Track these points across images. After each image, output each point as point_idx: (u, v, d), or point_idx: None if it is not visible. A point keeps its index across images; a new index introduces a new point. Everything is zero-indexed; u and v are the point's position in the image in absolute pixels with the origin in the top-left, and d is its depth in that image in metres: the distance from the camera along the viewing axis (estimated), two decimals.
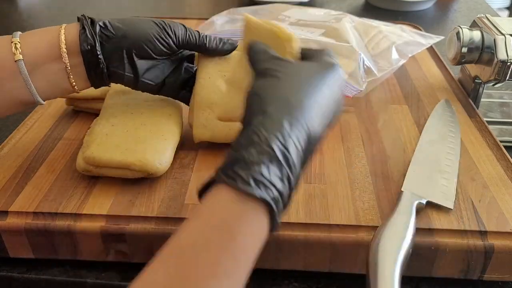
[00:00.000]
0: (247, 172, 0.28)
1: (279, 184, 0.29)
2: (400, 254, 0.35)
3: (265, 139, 0.30)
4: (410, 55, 0.61)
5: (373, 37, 0.63)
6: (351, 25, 0.63)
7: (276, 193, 0.29)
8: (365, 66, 0.56)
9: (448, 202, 0.42)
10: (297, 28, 0.64)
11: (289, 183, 0.30)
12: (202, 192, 0.31)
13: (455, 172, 0.45)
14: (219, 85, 0.47)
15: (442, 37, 0.64)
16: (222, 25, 0.66)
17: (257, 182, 0.28)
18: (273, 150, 0.29)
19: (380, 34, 0.63)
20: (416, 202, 0.40)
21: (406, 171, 0.46)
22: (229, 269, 0.26)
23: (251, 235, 0.28)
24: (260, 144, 0.29)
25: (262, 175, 0.28)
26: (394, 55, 0.60)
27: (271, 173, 0.29)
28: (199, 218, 0.29)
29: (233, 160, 0.29)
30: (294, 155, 0.30)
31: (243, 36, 0.43)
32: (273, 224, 0.30)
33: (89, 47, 0.41)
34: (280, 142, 0.30)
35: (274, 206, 0.29)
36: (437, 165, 0.46)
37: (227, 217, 0.28)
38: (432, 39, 0.65)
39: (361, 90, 0.53)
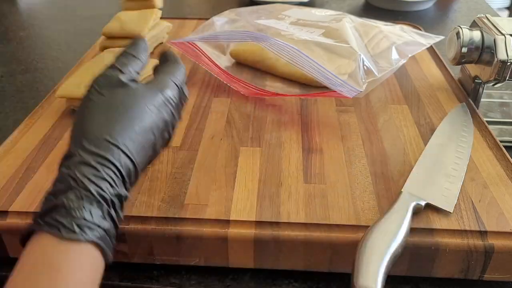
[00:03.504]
0: (70, 219, 0.29)
1: (103, 223, 0.30)
2: (388, 253, 0.35)
3: (82, 184, 0.30)
4: (410, 55, 0.61)
5: (373, 37, 0.63)
6: (351, 25, 0.63)
7: (102, 232, 0.30)
8: (365, 67, 0.56)
9: (448, 205, 0.41)
10: (297, 28, 0.64)
11: (111, 218, 0.31)
12: (24, 241, 0.29)
13: (461, 176, 0.45)
14: None
15: (442, 37, 0.64)
16: (221, 26, 0.66)
17: (82, 227, 0.29)
18: (92, 193, 0.30)
19: (380, 34, 0.63)
20: (413, 204, 0.40)
21: (406, 171, 0.46)
22: None
23: (83, 276, 0.28)
24: (78, 189, 0.30)
25: (85, 219, 0.29)
26: (394, 55, 0.60)
27: (94, 215, 0.30)
28: (24, 269, 0.28)
29: (52, 207, 0.29)
30: (110, 191, 0.31)
31: None
32: (106, 257, 0.30)
33: None
34: (96, 184, 0.30)
35: (102, 244, 0.30)
36: (443, 168, 0.45)
37: (54, 263, 0.27)
38: (432, 39, 0.65)
39: (361, 91, 0.53)
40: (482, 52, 0.57)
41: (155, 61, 0.63)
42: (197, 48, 0.62)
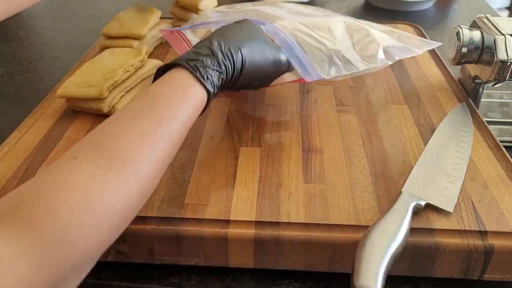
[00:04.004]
0: (204, 71, 0.42)
1: (215, 85, 0.43)
2: (388, 253, 0.35)
3: (216, 57, 0.43)
4: (397, 58, 0.59)
5: (361, 38, 0.61)
6: (342, 25, 0.61)
7: (212, 89, 0.42)
8: (343, 58, 0.54)
9: (448, 205, 0.41)
10: (294, 15, 0.63)
11: (216, 87, 0.43)
12: (162, 71, 0.43)
13: (461, 176, 0.45)
14: None
15: (440, 43, 0.62)
16: (216, 17, 0.65)
17: (207, 78, 0.42)
18: (219, 65, 0.43)
19: (369, 37, 0.61)
20: (413, 204, 0.40)
21: (406, 171, 0.46)
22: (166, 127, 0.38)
23: (191, 104, 0.40)
24: (213, 59, 0.43)
25: (210, 76, 0.42)
26: (381, 55, 0.58)
27: (214, 77, 0.42)
28: (162, 83, 0.41)
29: (195, 59, 0.42)
30: (224, 74, 0.44)
31: None
32: (207, 103, 0.42)
33: None
34: (221, 63, 0.44)
35: (210, 93, 0.42)
36: (443, 168, 0.45)
37: (183, 86, 0.41)
38: (428, 45, 0.62)
39: (323, 78, 0.51)
40: (482, 52, 0.57)
41: (156, 62, 0.63)
42: (185, 41, 0.60)
